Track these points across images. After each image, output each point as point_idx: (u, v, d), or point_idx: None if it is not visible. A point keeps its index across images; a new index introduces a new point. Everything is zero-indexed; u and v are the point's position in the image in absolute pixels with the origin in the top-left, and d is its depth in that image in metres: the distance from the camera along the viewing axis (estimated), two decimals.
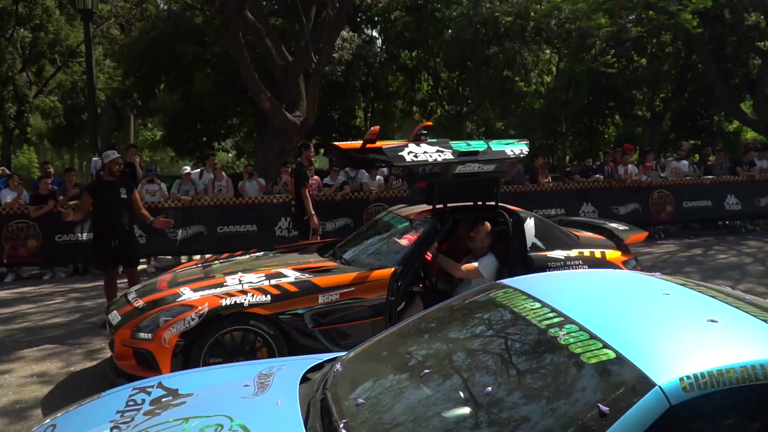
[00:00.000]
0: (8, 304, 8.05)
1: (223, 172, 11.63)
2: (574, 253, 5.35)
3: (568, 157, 23.09)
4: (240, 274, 4.96)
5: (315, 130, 18.67)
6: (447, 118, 26.22)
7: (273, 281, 4.76)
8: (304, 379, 2.65)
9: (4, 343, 6.32)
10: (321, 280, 4.79)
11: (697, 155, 15.52)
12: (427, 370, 2.35)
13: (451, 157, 5.02)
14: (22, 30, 25.53)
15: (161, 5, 26.65)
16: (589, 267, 5.23)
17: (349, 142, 5.37)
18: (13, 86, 25.16)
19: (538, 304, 2.46)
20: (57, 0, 25.41)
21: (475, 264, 5.13)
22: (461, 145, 5.16)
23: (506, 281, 2.86)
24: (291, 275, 4.86)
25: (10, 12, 23.89)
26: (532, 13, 18.51)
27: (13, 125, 26.19)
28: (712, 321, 2.16)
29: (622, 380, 1.91)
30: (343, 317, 4.74)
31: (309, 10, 14.71)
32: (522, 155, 5.32)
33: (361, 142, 5.16)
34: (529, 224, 5.36)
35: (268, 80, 14.73)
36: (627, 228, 6.01)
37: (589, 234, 5.91)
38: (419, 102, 27.39)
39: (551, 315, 2.34)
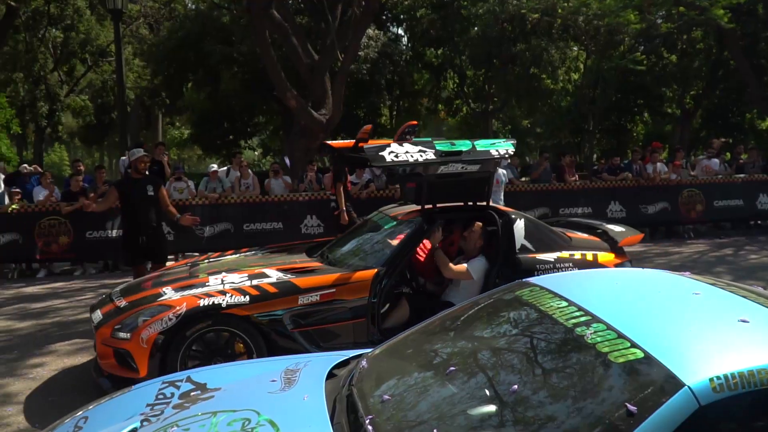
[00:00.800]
0: (40, 299, 8.22)
1: (250, 170, 11.73)
2: (564, 255, 5.26)
3: (595, 156, 22.83)
4: (224, 274, 4.94)
5: (340, 128, 18.71)
6: (472, 116, 26.12)
7: (255, 282, 4.72)
8: (330, 375, 2.67)
9: (36, 337, 6.46)
10: (301, 281, 4.74)
11: (728, 153, 15.24)
12: (452, 368, 2.35)
13: (433, 157, 4.93)
14: (54, 30, 26.02)
15: (189, 5, 26.93)
16: (580, 269, 5.12)
17: (341, 141, 5.34)
18: (45, 85, 25.67)
19: (564, 303, 2.44)
20: (88, 0, 25.81)
21: (465, 265, 5.08)
22: (445, 145, 5.07)
23: (532, 279, 2.85)
24: (273, 276, 4.83)
25: (42, 12, 24.36)
26: (560, 10, 18.34)
27: (45, 124, 26.71)
28: (743, 321, 2.12)
29: (651, 380, 1.89)
30: (323, 319, 4.68)
31: (335, 9, 14.76)
32: (507, 155, 5.20)
33: (354, 141, 5.14)
34: (519, 225, 5.27)
35: (294, 79, 14.81)
36: (623, 229, 5.87)
37: (584, 236, 5.80)
38: (444, 100, 27.34)
39: (578, 314, 2.33)
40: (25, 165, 12.68)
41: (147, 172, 6.98)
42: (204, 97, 24.22)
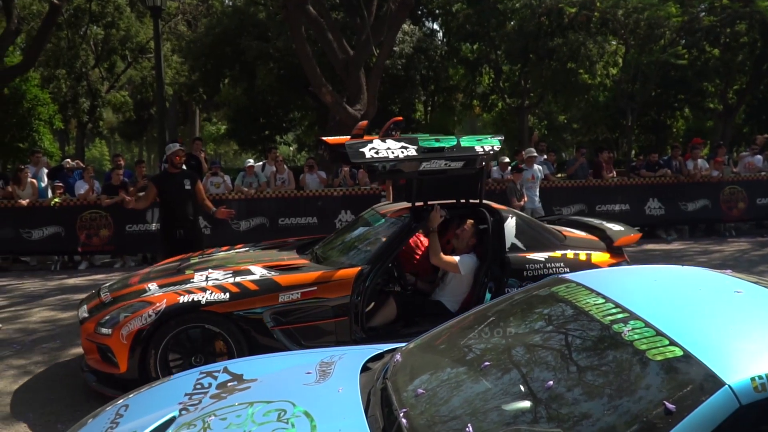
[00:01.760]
0: (82, 291, 8.42)
1: (285, 165, 11.83)
2: (556, 254, 5.15)
3: (633, 152, 22.45)
4: (209, 270, 4.92)
5: (375, 123, 18.73)
6: (508, 111, 25.91)
7: (238, 279, 4.70)
8: (365, 369, 2.68)
9: (78, 327, 6.61)
10: (283, 279, 4.70)
11: None
12: (487, 363, 2.35)
13: (414, 153, 4.83)
14: (95, 27, 26.59)
15: (226, 1, 27.26)
16: (571, 269, 4.97)
17: (337, 137, 5.29)
18: (86, 82, 26.24)
19: (601, 300, 2.41)
20: None
21: (457, 258, 5.01)
22: (429, 142, 4.96)
23: (569, 276, 2.82)
24: (257, 273, 4.80)
25: (84, 10, 24.90)
26: (598, 3, 18.06)
27: (87, 119, 27.32)
28: None
29: (690, 378, 1.86)
30: (304, 317, 4.63)
31: (370, 4, 14.78)
32: (492, 152, 5.06)
33: (349, 137, 5.09)
34: (510, 224, 5.16)
35: (330, 74, 14.89)
36: (622, 228, 5.71)
37: (582, 235, 5.67)
38: (480, 95, 27.18)
39: (615, 310, 2.30)
40: (68, 160, 13.01)
41: (184, 167, 7.08)
42: (240, 92, 24.51)
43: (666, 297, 2.44)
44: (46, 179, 11.04)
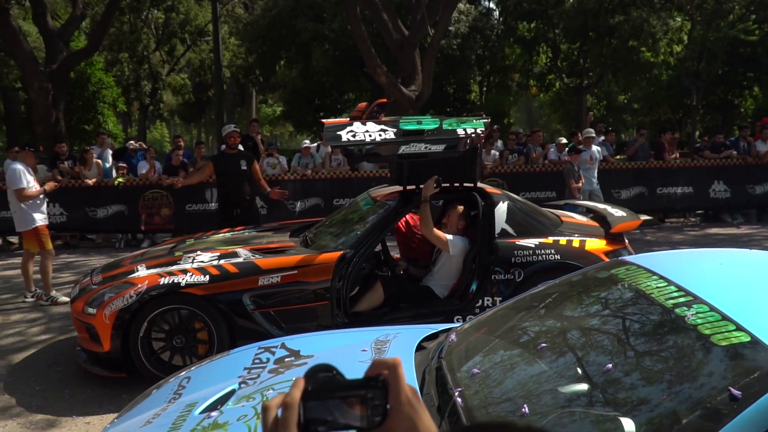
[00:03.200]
0: None
1: None
2: (548, 240, 5.00)
3: (698, 133, 21.67)
4: (198, 252, 4.97)
5: (429, 104, 18.62)
6: (566, 91, 25.33)
7: (222, 261, 4.73)
8: (419, 348, 2.69)
9: None
10: (264, 262, 4.70)
11: None
12: (543, 345, 2.32)
13: (393, 136, 4.69)
14: (156, 11, 27.18)
15: None
16: (562, 256, 4.88)
17: (335, 119, 5.21)
18: (148, 65, 26.92)
19: (663, 282, 2.35)
20: None
21: (449, 237, 4.89)
22: (411, 124, 4.82)
23: (629, 258, 2.75)
24: (242, 256, 4.82)
25: None
26: None
27: (148, 102, 28.05)
28: None
29: (757, 365, 1.79)
30: (285, 300, 4.62)
31: None
32: (475, 135, 4.84)
33: (348, 119, 5.02)
34: (501, 209, 5.04)
35: (385, 55, 14.83)
36: (624, 214, 5.52)
37: (582, 220, 5.49)
38: (537, 75, 26.66)
39: (678, 294, 2.23)
40: (132, 141, 13.42)
41: (241, 148, 7.21)
42: (296, 74, 24.71)
43: (732, 281, 2.36)
44: (110, 160, 11.42)
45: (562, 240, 5.05)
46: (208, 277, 4.60)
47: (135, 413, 2.57)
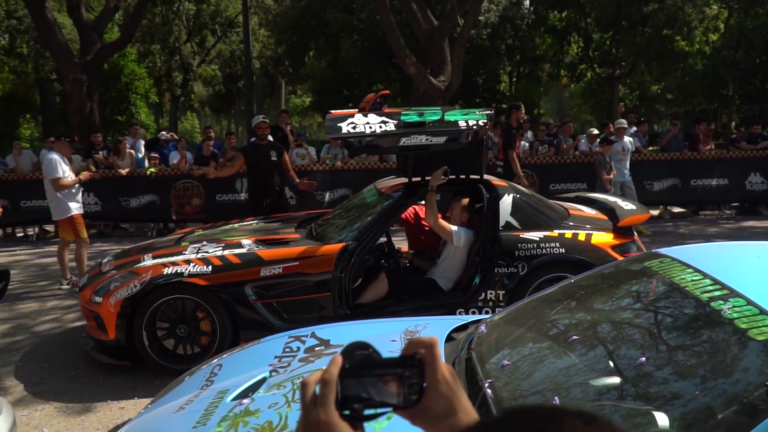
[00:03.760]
0: None
1: None
2: (553, 234, 4.92)
3: (734, 123, 21.20)
4: (203, 243, 5.00)
5: (459, 95, 18.52)
6: (597, 81, 24.97)
7: (226, 252, 4.75)
8: (449, 338, 2.69)
9: None
10: (266, 253, 4.71)
11: None
12: (575, 337, 2.30)
13: (393, 128, 4.64)
14: (187, 3, 27.43)
15: None
16: (567, 250, 4.80)
17: (343, 111, 5.18)
18: (179, 56, 27.20)
19: (699, 276, 2.30)
20: None
21: (454, 228, 4.86)
22: (412, 116, 4.77)
23: (663, 250, 2.71)
24: (246, 246, 4.83)
25: None
26: None
27: (180, 93, 28.36)
28: None
29: None
30: (287, 291, 4.63)
31: None
32: (477, 127, 4.76)
33: (356, 110, 4.98)
34: (506, 201, 4.97)
35: (414, 45, 14.77)
36: (634, 207, 5.38)
37: (591, 213, 5.38)
38: (568, 65, 26.32)
39: (714, 287, 2.19)
40: (164, 132, 13.60)
41: (270, 139, 7.26)
42: (325, 65, 24.76)
43: None
44: (143, 150, 11.59)
45: (568, 233, 4.98)
46: (210, 267, 4.65)
47: (168, 399, 2.61)
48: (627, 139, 10.50)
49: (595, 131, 11.79)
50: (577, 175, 11.15)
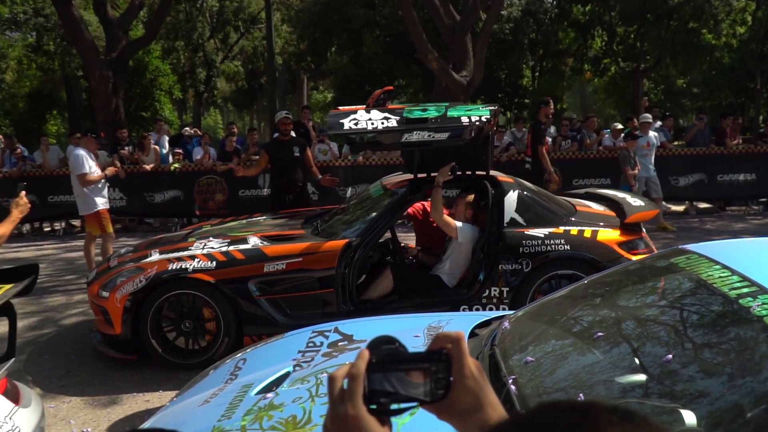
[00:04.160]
0: None
1: None
2: (558, 230, 4.86)
3: (762, 117, 20.83)
4: (210, 239, 5.02)
5: (481, 90, 18.42)
6: (621, 75, 24.68)
7: (231, 248, 4.77)
8: (472, 334, 2.69)
9: None
10: (270, 249, 4.72)
11: None
12: (599, 334, 2.29)
13: (395, 124, 4.61)
14: (210, 0, 27.60)
15: None
16: (572, 247, 4.76)
17: (351, 107, 5.16)
18: (203, 53, 27.41)
19: (727, 272, 2.27)
20: None
21: (459, 224, 4.83)
22: (415, 112, 4.73)
23: (690, 246, 2.67)
24: (251, 242, 4.85)
25: None
26: None
27: (203, 89, 28.59)
28: None
29: None
30: (290, 287, 4.65)
31: None
32: (481, 123, 4.70)
33: (364, 106, 4.96)
34: (511, 198, 4.93)
35: (436, 40, 14.72)
36: (642, 204, 5.30)
37: (599, 209, 5.31)
38: (591, 59, 26.03)
39: (742, 284, 2.16)
40: (187, 128, 13.73)
41: (293, 134, 7.29)
42: (347, 60, 24.79)
43: None
44: (167, 146, 11.70)
45: (573, 230, 4.94)
46: (214, 263, 4.69)
47: (193, 392, 2.64)
48: (652, 134, 10.37)
49: (619, 126, 11.67)
50: (600, 171, 11.04)
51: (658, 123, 11.69)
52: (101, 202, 7.24)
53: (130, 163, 10.99)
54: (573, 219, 5.10)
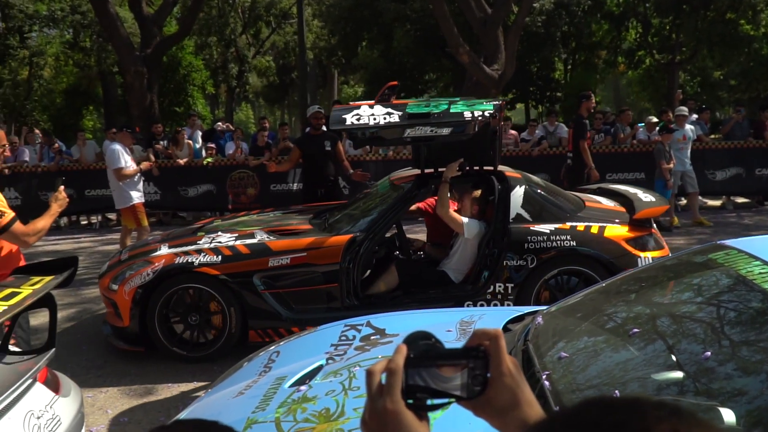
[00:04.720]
0: None
1: None
2: (564, 226, 4.79)
3: None
4: (219, 233, 5.05)
5: (512, 83, 18.27)
6: (656, 68, 24.24)
7: (238, 242, 4.79)
8: (505, 329, 2.67)
9: None
10: (275, 244, 4.74)
11: None
12: (635, 330, 2.26)
13: (397, 120, 4.55)
14: None
15: None
16: (578, 243, 4.70)
17: (362, 102, 5.12)
18: (235, 48, 27.67)
19: (767, 268, 2.23)
20: None
21: (465, 219, 4.79)
22: (418, 107, 4.68)
23: (728, 242, 2.62)
24: (257, 237, 4.87)
25: None
26: None
27: (235, 84, 28.87)
28: None
29: None
30: (295, 282, 4.66)
31: None
32: (483, 117, 4.61)
33: (374, 101, 4.92)
34: (517, 193, 4.87)
35: (467, 34, 14.64)
36: (653, 199, 5.16)
37: (609, 205, 5.21)
38: (625, 51, 25.64)
39: None
40: (219, 123, 13.87)
41: (325, 129, 7.33)
42: (377, 55, 24.79)
43: None
44: (200, 141, 11.85)
45: (580, 226, 4.88)
46: (220, 257, 4.74)
47: (227, 384, 2.68)
48: (688, 127, 10.18)
49: (654, 119, 11.48)
50: (634, 165, 10.88)
51: (695, 116, 11.46)
52: (137, 196, 7.36)
53: (164, 158, 11.16)
54: (581, 215, 5.05)
